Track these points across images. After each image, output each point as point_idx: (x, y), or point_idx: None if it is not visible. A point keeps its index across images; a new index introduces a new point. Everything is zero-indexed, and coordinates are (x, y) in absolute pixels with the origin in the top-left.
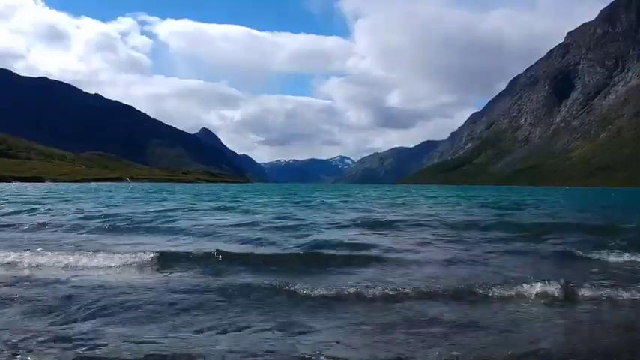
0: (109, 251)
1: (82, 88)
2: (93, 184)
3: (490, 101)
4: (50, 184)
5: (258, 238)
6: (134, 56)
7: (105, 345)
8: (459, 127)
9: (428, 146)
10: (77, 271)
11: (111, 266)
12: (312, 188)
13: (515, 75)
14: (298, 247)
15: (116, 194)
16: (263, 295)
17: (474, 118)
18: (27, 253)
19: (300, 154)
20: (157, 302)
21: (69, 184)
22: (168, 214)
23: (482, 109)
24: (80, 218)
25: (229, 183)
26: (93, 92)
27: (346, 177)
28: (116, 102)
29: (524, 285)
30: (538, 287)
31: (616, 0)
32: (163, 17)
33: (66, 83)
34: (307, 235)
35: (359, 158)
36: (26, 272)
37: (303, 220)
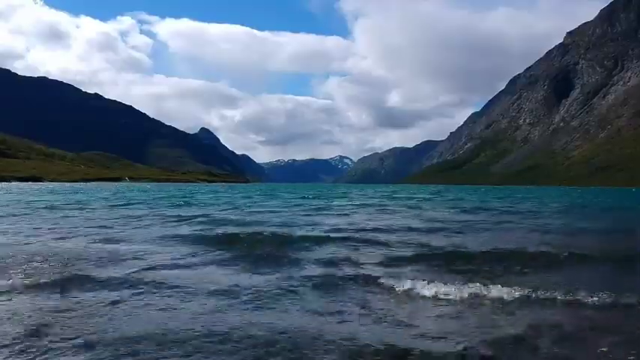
0: None
1: (81, 88)
2: (94, 184)
3: (489, 101)
4: (49, 183)
5: None
6: (134, 56)
7: None
8: (459, 127)
9: (427, 146)
10: None
11: None
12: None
13: (515, 75)
14: None
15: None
16: None
17: (473, 118)
18: None
19: (300, 153)
20: None
21: (70, 183)
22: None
23: (481, 109)
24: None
25: (230, 183)
26: (93, 92)
27: (346, 177)
28: (116, 102)
29: None
30: None
31: (615, 0)
32: (163, 16)
33: (65, 83)
34: None
35: (359, 158)
36: None
37: None
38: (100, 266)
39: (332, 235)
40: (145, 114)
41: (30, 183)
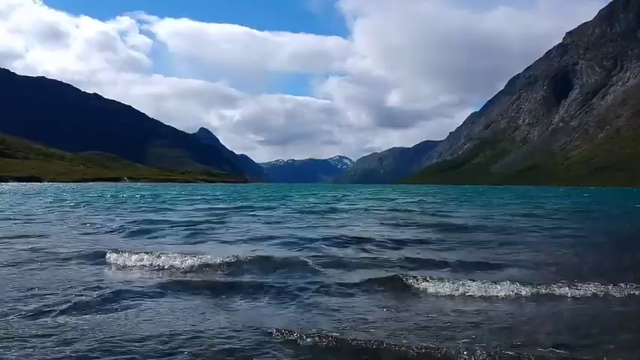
0: None
1: (80, 88)
2: (91, 184)
3: (489, 101)
4: (48, 184)
5: None
6: (133, 55)
7: None
8: (458, 127)
9: (427, 146)
10: None
11: None
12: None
13: (515, 75)
14: None
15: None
16: None
17: (472, 118)
18: None
19: (299, 153)
20: None
21: (69, 184)
22: None
23: (481, 109)
24: None
25: (228, 183)
26: (92, 92)
27: (345, 177)
28: (115, 102)
29: None
30: None
31: (615, 0)
32: (162, 16)
33: (64, 83)
34: None
35: (358, 158)
36: None
37: None
38: None
39: (290, 253)
40: (144, 114)
41: (24, 183)
